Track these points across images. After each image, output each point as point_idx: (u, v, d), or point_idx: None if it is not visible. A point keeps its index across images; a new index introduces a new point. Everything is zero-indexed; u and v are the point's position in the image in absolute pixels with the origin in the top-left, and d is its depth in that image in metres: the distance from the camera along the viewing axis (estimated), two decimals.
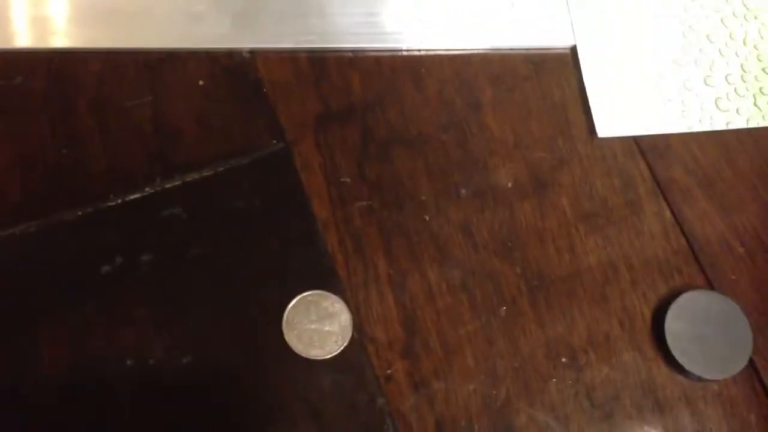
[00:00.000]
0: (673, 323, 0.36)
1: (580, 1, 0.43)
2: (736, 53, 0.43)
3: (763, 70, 0.42)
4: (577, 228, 0.39)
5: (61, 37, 0.40)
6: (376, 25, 0.41)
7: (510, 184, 0.39)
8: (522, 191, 0.39)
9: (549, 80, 0.42)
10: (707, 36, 0.43)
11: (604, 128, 0.41)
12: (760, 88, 0.42)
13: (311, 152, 0.39)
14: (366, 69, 0.41)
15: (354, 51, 0.41)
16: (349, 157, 0.39)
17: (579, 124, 0.41)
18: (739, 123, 0.41)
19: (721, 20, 0.43)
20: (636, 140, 0.41)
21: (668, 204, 0.40)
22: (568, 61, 0.42)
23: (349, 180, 0.39)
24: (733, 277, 0.39)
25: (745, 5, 0.43)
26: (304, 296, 0.36)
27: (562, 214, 0.39)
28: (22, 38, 0.40)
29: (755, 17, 0.43)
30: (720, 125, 0.41)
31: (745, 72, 0.42)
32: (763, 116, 0.41)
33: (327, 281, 0.36)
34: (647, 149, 0.41)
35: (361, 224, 0.38)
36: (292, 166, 0.39)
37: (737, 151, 0.41)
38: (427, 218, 0.38)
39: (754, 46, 0.43)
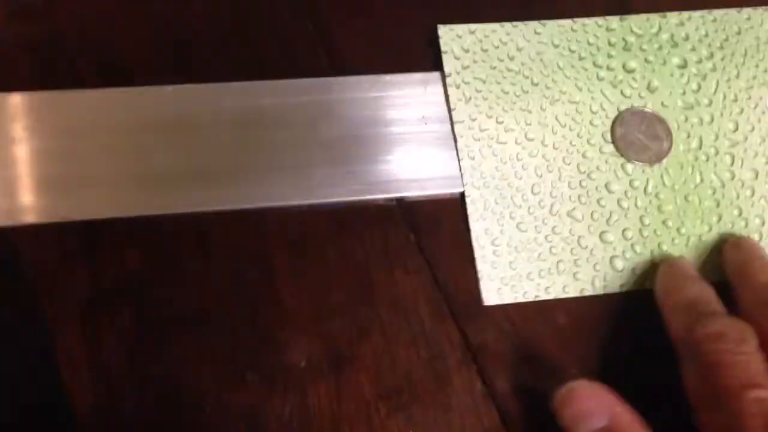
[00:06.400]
0: None
1: (469, 150, 0.39)
2: (636, 204, 0.39)
3: (664, 222, 0.39)
4: (377, 409, 0.36)
5: None
6: None
7: (303, 364, 0.36)
8: (317, 371, 0.36)
9: (352, 238, 0.38)
10: (606, 185, 0.39)
11: (491, 295, 0.37)
12: (659, 244, 0.38)
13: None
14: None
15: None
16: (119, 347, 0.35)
17: (382, 287, 0.38)
18: (633, 284, 0.38)
19: (621, 166, 0.40)
20: (447, 302, 0.38)
21: (480, 374, 0.37)
22: (380, 214, 0.39)
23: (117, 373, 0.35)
24: None
25: None
26: None
27: (360, 394, 0.36)
28: None
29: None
30: (614, 288, 0.38)
31: (644, 225, 0.39)
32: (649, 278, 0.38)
33: None
34: (459, 312, 0.38)
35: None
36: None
37: (556, 311, 0.38)
38: (207, 410, 0.35)
39: (656, 195, 0.39)
